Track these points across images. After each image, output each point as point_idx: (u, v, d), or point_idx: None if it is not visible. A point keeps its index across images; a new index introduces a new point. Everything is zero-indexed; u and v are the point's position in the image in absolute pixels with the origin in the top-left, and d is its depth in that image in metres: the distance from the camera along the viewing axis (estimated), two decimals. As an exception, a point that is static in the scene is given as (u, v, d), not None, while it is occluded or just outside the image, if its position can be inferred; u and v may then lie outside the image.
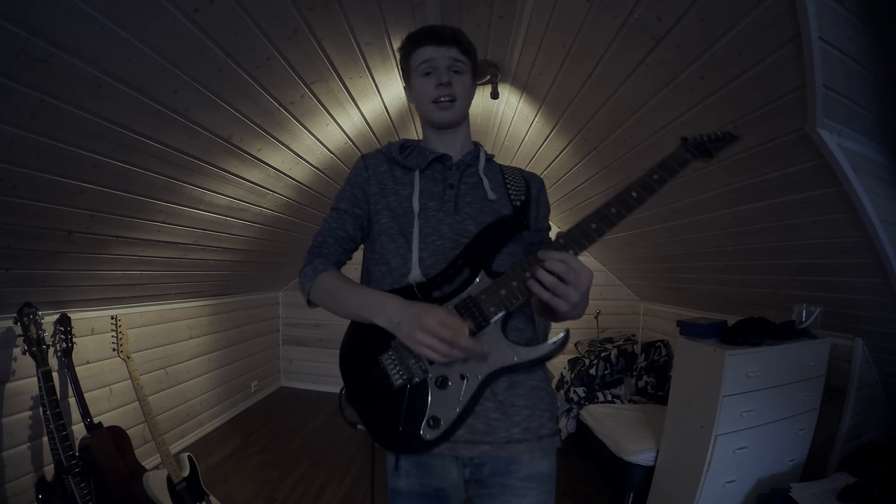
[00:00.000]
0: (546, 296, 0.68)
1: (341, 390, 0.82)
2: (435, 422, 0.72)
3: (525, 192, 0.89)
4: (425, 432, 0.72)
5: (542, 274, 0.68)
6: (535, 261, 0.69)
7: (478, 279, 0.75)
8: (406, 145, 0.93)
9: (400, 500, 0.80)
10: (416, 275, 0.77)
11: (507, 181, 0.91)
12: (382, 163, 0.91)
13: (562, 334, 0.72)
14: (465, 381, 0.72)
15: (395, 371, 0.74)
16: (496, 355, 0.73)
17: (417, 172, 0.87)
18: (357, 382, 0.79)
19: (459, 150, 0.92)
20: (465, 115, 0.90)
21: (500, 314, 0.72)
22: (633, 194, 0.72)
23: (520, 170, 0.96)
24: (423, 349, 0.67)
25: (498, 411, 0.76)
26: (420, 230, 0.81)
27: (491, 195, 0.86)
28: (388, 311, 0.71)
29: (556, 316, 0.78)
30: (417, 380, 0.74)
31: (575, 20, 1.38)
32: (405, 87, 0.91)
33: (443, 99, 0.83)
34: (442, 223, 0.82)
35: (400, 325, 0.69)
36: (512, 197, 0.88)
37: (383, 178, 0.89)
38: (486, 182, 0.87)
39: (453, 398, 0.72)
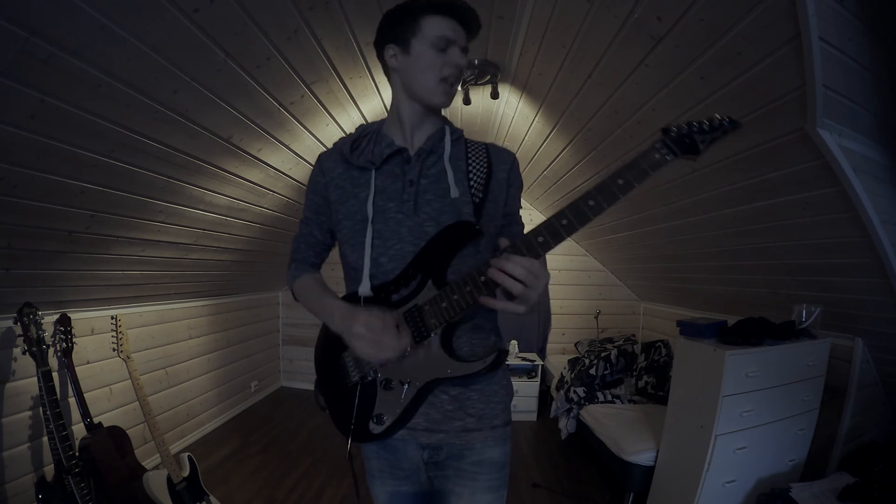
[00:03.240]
0: (499, 305, 0.67)
1: (316, 379, 0.92)
2: (379, 419, 0.80)
3: (485, 185, 0.82)
4: (372, 427, 0.81)
5: (497, 275, 0.64)
6: (479, 274, 0.68)
7: (426, 288, 0.76)
8: (362, 135, 0.86)
9: (374, 480, 0.89)
10: (364, 288, 0.78)
11: (471, 170, 0.83)
12: (338, 163, 0.86)
13: (493, 355, 0.75)
14: (405, 386, 0.78)
15: (352, 369, 0.83)
16: (433, 366, 0.76)
17: (373, 172, 0.82)
18: (324, 374, 0.89)
19: (426, 131, 0.85)
20: None
21: (441, 326, 0.74)
22: (591, 202, 0.64)
23: (487, 149, 0.87)
24: (359, 352, 0.73)
25: (452, 404, 0.81)
26: (380, 234, 0.79)
27: (454, 192, 0.79)
28: (335, 321, 0.77)
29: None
30: (369, 378, 0.81)
31: (575, 20, 1.38)
32: (388, 46, 0.81)
33: (453, 81, 0.78)
34: (401, 225, 0.79)
35: (343, 333, 0.75)
36: (473, 191, 0.81)
37: (341, 182, 0.85)
38: (450, 175, 0.81)
39: (395, 400, 0.79)
